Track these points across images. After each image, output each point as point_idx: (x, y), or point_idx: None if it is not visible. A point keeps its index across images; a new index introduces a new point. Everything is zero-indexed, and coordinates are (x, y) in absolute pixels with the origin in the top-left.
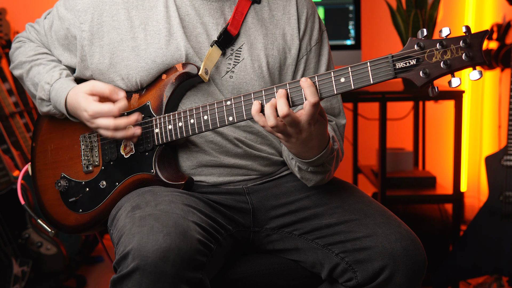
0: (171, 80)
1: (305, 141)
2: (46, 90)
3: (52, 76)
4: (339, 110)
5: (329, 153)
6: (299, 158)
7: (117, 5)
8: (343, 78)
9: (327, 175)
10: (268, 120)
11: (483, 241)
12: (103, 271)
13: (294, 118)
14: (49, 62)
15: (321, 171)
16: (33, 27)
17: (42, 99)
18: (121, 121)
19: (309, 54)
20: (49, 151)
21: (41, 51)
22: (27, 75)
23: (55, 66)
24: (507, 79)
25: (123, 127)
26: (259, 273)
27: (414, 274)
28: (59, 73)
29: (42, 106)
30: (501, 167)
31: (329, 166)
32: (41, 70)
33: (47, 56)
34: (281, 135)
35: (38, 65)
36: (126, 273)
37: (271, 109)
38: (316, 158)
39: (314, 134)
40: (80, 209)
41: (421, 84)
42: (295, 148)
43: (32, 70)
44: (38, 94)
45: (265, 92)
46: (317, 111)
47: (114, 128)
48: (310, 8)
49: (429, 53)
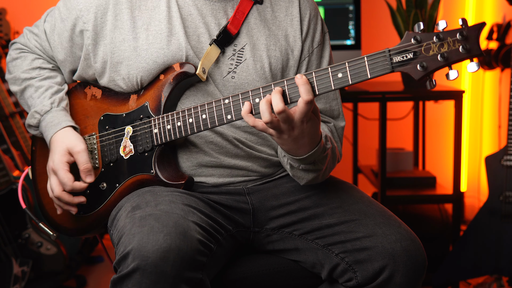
0: (169, 80)
1: (297, 138)
2: (36, 119)
3: (42, 105)
4: (339, 112)
5: (320, 152)
6: (290, 155)
7: (121, 4)
8: (341, 73)
9: (320, 174)
10: (263, 116)
11: (483, 241)
12: (103, 271)
13: (289, 115)
14: (42, 81)
15: (313, 169)
16: (31, 31)
17: (30, 126)
18: (64, 196)
19: (311, 56)
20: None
21: (35, 65)
22: (21, 95)
23: (47, 89)
24: (507, 79)
25: (63, 201)
26: (259, 273)
27: (414, 274)
28: (50, 101)
29: (30, 129)
30: (501, 167)
31: (321, 165)
32: (33, 94)
33: (40, 73)
34: (273, 131)
35: (31, 86)
36: (126, 273)
37: (266, 105)
38: (307, 156)
39: (306, 132)
40: (81, 211)
41: (418, 77)
42: (286, 145)
43: (26, 92)
44: (28, 121)
45: (263, 89)
46: (311, 109)
47: (55, 196)
48: (313, 10)
49: (426, 46)
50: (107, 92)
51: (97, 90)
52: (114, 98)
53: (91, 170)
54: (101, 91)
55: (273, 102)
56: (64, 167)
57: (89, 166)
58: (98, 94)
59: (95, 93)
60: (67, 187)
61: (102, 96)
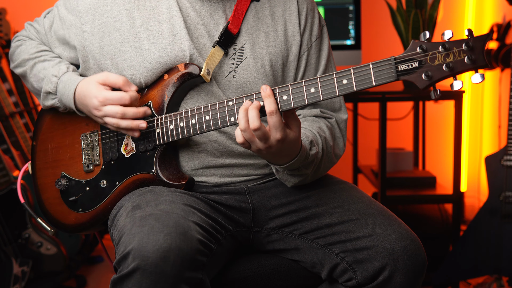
0: (173, 80)
1: (274, 154)
2: (53, 82)
3: (59, 69)
4: (340, 105)
5: (302, 159)
6: (271, 164)
7: (118, 6)
8: (345, 80)
9: (308, 177)
10: (237, 137)
11: (483, 241)
12: (103, 271)
13: (265, 133)
14: (53, 58)
15: (298, 174)
16: (32, 26)
17: (48, 92)
18: (130, 110)
19: (310, 49)
20: (50, 150)
21: (43, 48)
22: (30, 71)
23: (60, 61)
24: (507, 79)
25: (130, 117)
26: (259, 273)
27: (414, 274)
28: (66, 66)
29: (47, 99)
30: (501, 167)
31: (306, 170)
32: (46, 66)
33: (49, 53)
34: (249, 146)
35: (42, 61)
36: (127, 273)
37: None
38: (289, 165)
39: (284, 149)
40: (80, 208)
41: (423, 86)
42: (264, 157)
43: (36, 66)
44: (44, 87)
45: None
46: (279, 120)
47: (121, 116)
48: (310, 4)
49: (432, 55)
50: None
51: None
52: None
53: (128, 81)
54: None
55: (250, 117)
56: (109, 91)
57: (125, 78)
58: None
59: None
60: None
61: None
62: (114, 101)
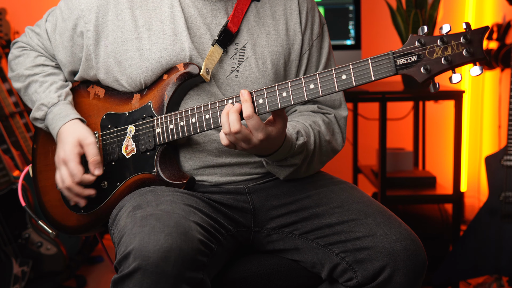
0: (173, 80)
1: (260, 149)
2: (42, 111)
3: (49, 98)
4: (340, 102)
5: (287, 150)
6: (258, 156)
7: (122, 4)
8: (345, 75)
9: (300, 169)
10: (222, 139)
11: (483, 241)
12: (103, 271)
13: (246, 135)
14: (46, 77)
15: (286, 165)
16: (33, 31)
17: (36, 119)
18: (76, 188)
19: (311, 48)
20: (51, 152)
21: (38, 63)
22: (25, 91)
23: (51, 84)
24: (507, 79)
25: (73, 192)
26: (259, 273)
27: (414, 274)
28: (57, 94)
29: (36, 122)
30: (501, 167)
31: (294, 160)
32: (38, 89)
33: (43, 69)
34: (235, 147)
35: (35, 82)
36: (127, 273)
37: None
38: (273, 155)
39: (269, 144)
40: (81, 209)
41: (422, 80)
42: (251, 153)
43: (30, 88)
44: (34, 114)
45: (267, 90)
46: (257, 122)
47: (66, 187)
48: (310, 2)
49: (430, 49)
50: (110, 91)
51: (100, 89)
52: (117, 97)
53: (100, 163)
54: (104, 90)
55: (230, 120)
56: (75, 159)
57: (99, 159)
58: (101, 93)
59: (98, 92)
60: (76, 178)
61: (105, 95)
62: (70, 171)
